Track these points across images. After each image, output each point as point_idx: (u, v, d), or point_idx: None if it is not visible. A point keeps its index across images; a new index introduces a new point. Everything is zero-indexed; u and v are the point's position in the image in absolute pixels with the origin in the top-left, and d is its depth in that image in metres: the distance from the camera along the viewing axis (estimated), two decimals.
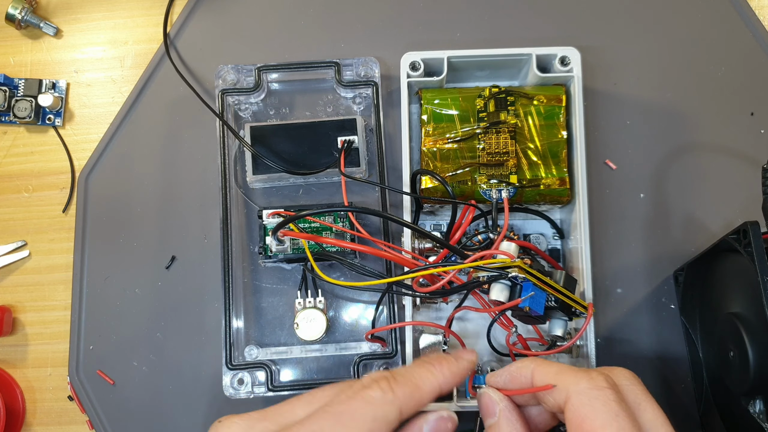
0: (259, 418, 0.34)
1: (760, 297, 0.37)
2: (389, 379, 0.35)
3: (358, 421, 0.33)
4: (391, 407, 0.34)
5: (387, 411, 0.34)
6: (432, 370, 0.37)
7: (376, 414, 0.33)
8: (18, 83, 0.57)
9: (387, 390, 0.34)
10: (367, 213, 0.43)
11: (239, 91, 0.53)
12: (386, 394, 0.34)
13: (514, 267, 0.40)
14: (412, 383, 0.35)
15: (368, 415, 0.33)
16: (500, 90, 0.48)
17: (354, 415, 0.33)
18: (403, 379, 0.35)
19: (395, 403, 0.34)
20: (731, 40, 0.55)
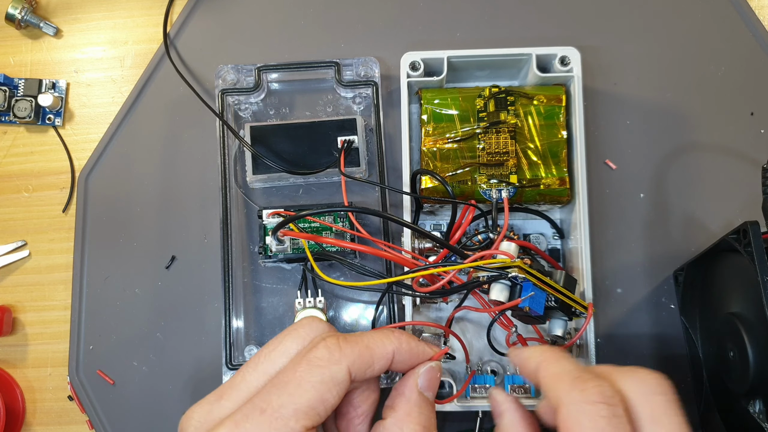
0: (215, 399, 0.33)
1: (760, 297, 0.37)
2: (338, 338, 0.34)
3: (305, 387, 0.32)
4: (338, 367, 0.33)
5: (334, 371, 0.32)
6: (387, 335, 0.36)
7: (323, 376, 0.32)
8: (18, 83, 0.57)
9: (334, 349, 0.33)
10: (367, 213, 0.43)
11: (239, 91, 0.53)
12: (333, 354, 0.33)
13: (514, 267, 0.40)
14: (362, 343, 0.34)
15: (315, 378, 0.32)
16: (500, 90, 0.48)
17: (300, 381, 0.32)
18: (353, 339, 0.34)
19: (342, 362, 0.33)
20: (731, 40, 0.55)
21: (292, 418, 0.31)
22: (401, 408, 0.35)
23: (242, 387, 0.33)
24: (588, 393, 0.31)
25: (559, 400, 0.31)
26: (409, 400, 0.35)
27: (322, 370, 0.32)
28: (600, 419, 0.30)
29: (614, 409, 0.30)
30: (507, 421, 0.35)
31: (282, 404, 0.31)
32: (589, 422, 0.30)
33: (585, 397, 0.30)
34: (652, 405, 0.31)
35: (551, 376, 0.33)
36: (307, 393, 0.31)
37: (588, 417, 0.30)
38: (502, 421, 0.35)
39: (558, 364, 0.33)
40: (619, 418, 0.30)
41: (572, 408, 0.31)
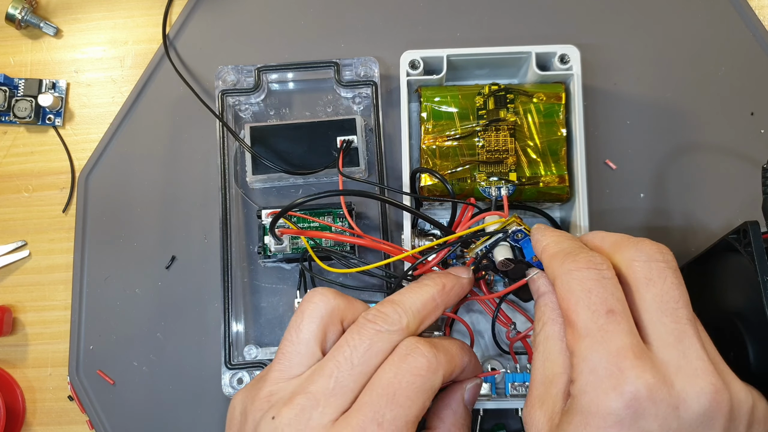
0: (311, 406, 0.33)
1: (760, 297, 0.37)
2: (430, 346, 0.34)
3: (413, 398, 0.33)
4: (436, 376, 0.34)
5: (434, 381, 0.34)
6: (463, 347, 0.37)
7: (425, 385, 0.33)
8: (18, 83, 0.57)
9: (431, 357, 0.34)
10: (362, 195, 0.43)
11: (239, 92, 0.53)
12: (431, 363, 0.34)
13: (511, 222, 0.39)
14: (450, 353, 0.35)
15: (420, 387, 0.33)
16: (500, 88, 0.48)
17: (408, 392, 0.33)
18: (443, 348, 0.35)
19: (439, 371, 0.34)
20: (731, 40, 0.55)
21: (404, 429, 0.32)
22: (448, 419, 0.37)
23: (339, 392, 0.33)
24: (577, 262, 0.33)
25: (554, 276, 0.34)
26: (455, 412, 0.37)
27: (424, 379, 0.33)
28: (588, 281, 0.32)
29: (603, 272, 0.32)
30: (543, 296, 0.36)
31: (396, 416, 0.32)
32: (579, 285, 0.32)
33: (574, 266, 0.33)
34: (649, 269, 0.33)
35: (549, 256, 0.35)
36: (416, 404, 0.33)
37: (577, 282, 0.32)
38: (540, 297, 0.37)
39: (557, 245, 0.36)
40: (607, 280, 0.32)
41: (564, 278, 0.33)
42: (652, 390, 0.29)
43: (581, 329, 0.31)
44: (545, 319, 0.35)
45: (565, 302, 0.32)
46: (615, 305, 0.31)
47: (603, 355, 0.30)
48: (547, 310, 0.36)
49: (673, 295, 0.32)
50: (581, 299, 0.32)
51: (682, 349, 0.31)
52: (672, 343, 0.31)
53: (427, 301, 0.37)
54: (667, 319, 0.31)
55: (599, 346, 0.30)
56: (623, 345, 0.30)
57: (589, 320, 0.31)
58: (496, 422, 0.50)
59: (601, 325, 0.31)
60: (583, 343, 0.31)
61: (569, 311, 0.32)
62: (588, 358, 0.31)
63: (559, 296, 0.33)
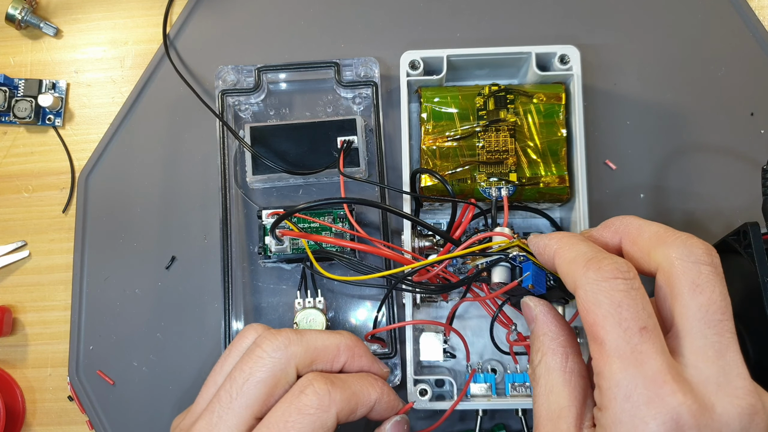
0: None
1: (760, 298, 0.37)
2: (326, 382, 0.34)
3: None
4: (327, 414, 0.34)
5: (324, 419, 0.33)
6: (372, 384, 0.36)
7: (314, 425, 0.33)
8: (18, 83, 0.57)
9: (323, 394, 0.34)
10: (363, 203, 0.43)
11: (239, 92, 0.53)
12: (322, 401, 0.34)
13: (514, 246, 0.39)
14: (350, 390, 0.35)
15: (306, 428, 0.33)
16: (500, 88, 0.48)
17: (293, 430, 0.33)
18: (341, 384, 0.35)
19: (332, 408, 0.34)
20: (731, 40, 0.55)
21: None
22: None
23: (221, 428, 0.34)
24: (603, 271, 0.30)
25: (575, 284, 0.31)
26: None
27: (312, 418, 0.33)
28: (617, 293, 0.29)
29: (631, 282, 0.30)
30: (540, 324, 0.35)
31: None
32: (606, 298, 0.29)
33: (600, 275, 0.30)
34: (698, 273, 0.30)
35: (567, 263, 0.32)
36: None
37: (605, 293, 0.29)
38: (536, 325, 0.35)
39: (573, 249, 0.33)
40: (637, 290, 0.29)
41: (588, 288, 0.30)
42: (695, 416, 0.27)
43: (612, 349, 0.29)
44: (544, 350, 0.33)
45: (592, 316, 0.29)
46: (647, 321, 0.29)
47: (639, 380, 0.28)
48: (546, 340, 0.34)
49: (720, 305, 0.29)
50: (610, 314, 0.29)
51: (722, 365, 0.28)
52: (712, 357, 0.29)
53: (329, 345, 0.37)
54: (710, 332, 0.29)
55: (634, 370, 0.28)
56: (660, 368, 0.28)
57: (621, 339, 0.28)
58: (496, 422, 0.50)
59: (634, 345, 0.28)
60: (615, 365, 0.28)
61: (596, 327, 0.29)
62: (621, 384, 0.28)
63: (583, 308, 0.30)
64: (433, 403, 0.46)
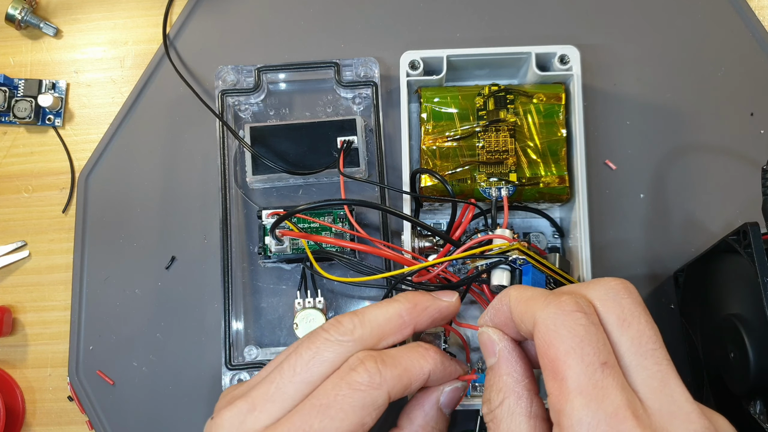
0: (248, 409, 0.34)
1: (760, 298, 0.37)
2: (377, 361, 0.34)
3: (348, 412, 0.32)
4: (378, 392, 0.33)
5: (375, 396, 0.33)
6: (424, 356, 0.36)
7: (364, 401, 0.33)
8: (18, 83, 0.57)
9: (374, 373, 0.33)
10: (364, 205, 0.43)
11: (239, 92, 0.53)
12: (373, 378, 0.33)
13: (514, 249, 0.39)
14: (401, 366, 0.34)
15: (357, 403, 0.32)
16: (500, 88, 0.48)
17: (342, 405, 0.32)
18: (392, 362, 0.34)
19: (383, 386, 0.33)
20: (731, 40, 0.55)
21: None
22: (417, 420, 0.36)
23: (277, 398, 0.33)
24: (564, 304, 0.30)
25: (534, 319, 0.30)
26: (427, 414, 0.36)
27: (363, 394, 0.33)
28: (578, 327, 0.29)
29: (591, 317, 0.29)
30: (503, 361, 0.33)
31: (324, 428, 0.31)
32: (568, 331, 0.29)
33: (561, 309, 0.29)
34: (620, 308, 0.30)
35: (525, 300, 0.32)
36: (348, 418, 0.32)
37: (565, 326, 0.29)
38: (498, 360, 0.34)
39: (528, 290, 0.33)
40: (596, 326, 0.29)
41: (549, 321, 0.29)
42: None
43: (573, 386, 0.28)
44: (507, 392, 0.32)
45: (553, 351, 0.29)
46: (608, 357, 0.29)
47: (601, 416, 0.27)
48: (510, 381, 0.32)
49: (649, 335, 0.30)
50: (572, 349, 0.28)
51: (668, 393, 0.28)
52: (658, 387, 0.29)
53: (391, 317, 0.36)
54: (648, 362, 0.29)
55: (596, 406, 0.27)
56: (620, 403, 0.27)
57: (583, 375, 0.28)
58: None
59: (596, 381, 0.28)
60: (576, 402, 0.28)
61: (558, 362, 0.28)
62: (583, 420, 0.27)
63: (543, 343, 0.29)
64: None
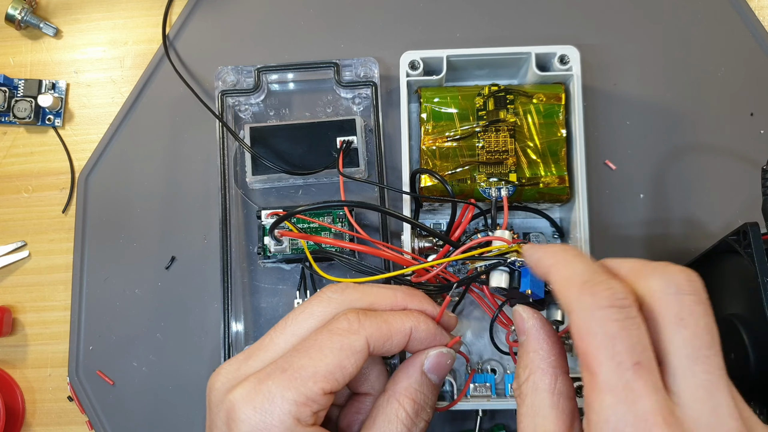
0: (243, 359, 0.36)
1: (760, 298, 0.37)
2: (358, 313, 0.36)
3: (325, 352, 0.34)
4: (356, 336, 0.35)
5: (353, 340, 0.35)
6: (407, 314, 0.37)
7: (342, 343, 0.34)
8: (18, 84, 0.57)
9: (353, 320, 0.35)
10: (363, 207, 0.43)
11: (239, 92, 0.53)
12: (352, 324, 0.35)
13: (512, 251, 0.39)
14: (381, 318, 0.36)
15: (335, 345, 0.34)
16: (500, 88, 0.48)
17: (321, 347, 0.34)
18: (372, 314, 0.36)
19: (361, 332, 0.35)
20: (731, 40, 0.55)
21: (310, 380, 0.33)
22: (401, 383, 0.37)
23: (269, 348, 0.36)
24: (597, 297, 0.29)
25: (569, 307, 0.30)
26: (410, 376, 0.37)
27: (340, 338, 0.35)
28: (611, 324, 0.28)
29: (627, 311, 0.28)
30: (532, 339, 0.34)
31: (303, 366, 0.33)
32: (600, 328, 0.28)
33: (594, 302, 0.29)
34: (680, 305, 0.29)
35: (561, 282, 0.31)
36: (326, 358, 0.34)
37: (598, 323, 0.28)
38: (527, 338, 0.34)
39: (568, 267, 0.31)
40: (632, 320, 0.28)
41: (582, 315, 0.29)
42: None
43: (603, 383, 0.27)
44: (533, 368, 0.32)
45: (584, 344, 0.28)
46: (642, 357, 0.27)
47: (629, 419, 0.27)
48: (536, 358, 0.33)
49: (706, 339, 0.28)
50: (604, 346, 0.28)
51: (713, 405, 0.27)
52: (703, 397, 0.27)
53: (386, 292, 0.38)
54: (698, 369, 0.28)
55: (625, 408, 0.27)
56: (651, 408, 0.27)
57: (613, 374, 0.27)
58: (496, 422, 0.50)
59: (627, 381, 0.27)
60: (606, 401, 0.27)
61: (589, 357, 0.28)
62: (611, 420, 0.27)
63: (576, 334, 0.29)
64: None
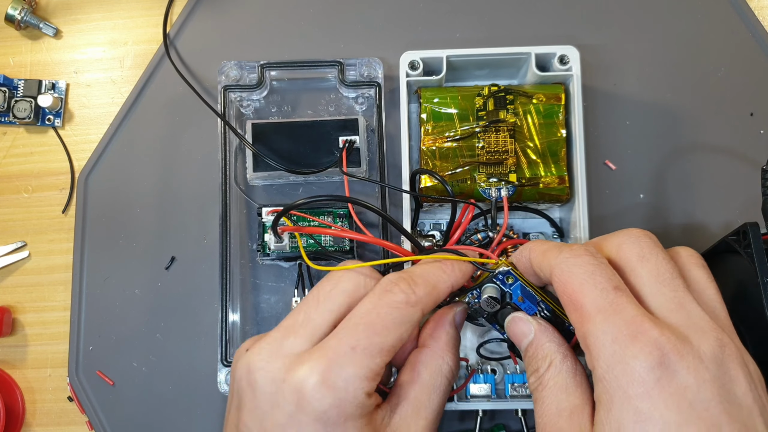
0: (281, 336, 0.35)
1: (760, 298, 0.37)
2: (408, 281, 0.36)
3: (390, 328, 0.34)
4: (414, 309, 0.35)
5: (411, 313, 0.35)
6: (445, 269, 0.38)
7: (403, 318, 0.35)
8: (17, 84, 0.57)
9: (409, 293, 0.36)
10: (364, 207, 0.43)
11: (242, 88, 0.53)
12: (409, 297, 0.35)
13: (500, 265, 0.39)
14: (430, 285, 0.37)
15: (397, 319, 0.35)
16: (499, 89, 0.48)
17: (385, 322, 0.34)
18: (422, 281, 0.37)
19: (418, 305, 0.36)
20: (731, 40, 0.55)
21: (378, 355, 0.34)
22: (442, 338, 0.38)
23: (307, 325, 0.36)
24: (574, 250, 0.34)
25: (551, 267, 0.34)
26: (448, 332, 0.39)
27: (402, 311, 0.35)
28: (588, 264, 0.33)
29: (600, 259, 0.34)
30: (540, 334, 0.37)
31: (371, 343, 0.34)
32: (579, 268, 0.33)
33: (572, 254, 0.34)
34: (640, 247, 0.34)
35: (541, 252, 0.36)
36: (392, 334, 0.34)
37: (578, 266, 0.33)
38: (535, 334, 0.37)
39: (545, 243, 0.37)
40: (605, 265, 0.33)
41: (564, 265, 0.34)
42: (675, 345, 0.30)
43: (591, 308, 0.32)
44: (552, 355, 0.36)
45: (570, 286, 0.33)
46: (619, 283, 0.33)
47: (621, 323, 0.31)
48: (553, 346, 0.36)
49: (667, 267, 0.33)
50: (586, 280, 0.32)
51: (684, 313, 0.32)
52: (675, 308, 0.32)
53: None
54: (666, 289, 0.33)
55: (615, 317, 0.31)
56: (637, 312, 0.31)
57: (599, 297, 0.32)
58: (496, 423, 0.50)
59: (611, 300, 0.32)
60: (597, 320, 0.31)
61: (575, 293, 0.33)
62: (607, 331, 0.31)
63: (560, 284, 0.34)
64: None
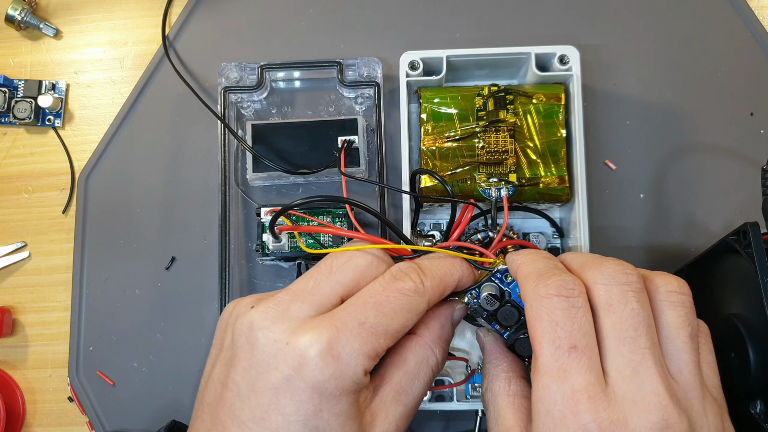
0: (290, 299, 0.35)
1: (761, 298, 0.37)
2: (419, 272, 0.36)
3: (398, 313, 0.34)
4: (421, 299, 0.36)
5: (419, 302, 0.35)
6: (454, 265, 0.38)
7: (410, 305, 0.35)
8: (18, 84, 0.57)
9: (418, 282, 0.36)
10: (362, 208, 0.43)
11: (242, 89, 0.53)
12: (418, 286, 0.36)
13: (497, 265, 0.39)
14: (438, 277, 0.37)
15: (405, 306, 0.35)
16: (499, 89, 0.48)
17: (393, 306, 0.34)
18: (431, 272, 0.37)
19: (425, 295, 0.36)
20: (731, 40, 0.55)
21: (382, 336, 0.34)
22: (435, 330, 0.38)
23: (316, 292, 0.35)
24: (548, 287, 0.32)
25: (525, 298, 0.33)
26: (443, 326, 0.39)
27: (410, 299, 0.35)
28: (557, 311, 0.31)
29: (572, 300, 0.32)
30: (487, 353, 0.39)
31: (378, 323, 0.34)
32: (547, 315, 0.32)
33: (545, 291, 0.32)
34: (608, 293, 0.32)
35: (523, 276, 0.35)
36: (399, 318, 0.34)
37: (546, 310, 0.32)
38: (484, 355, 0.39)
39: (532, 265, 0.35)
40: (577, 309, 0.32)
41: (534, 303, 0.32)
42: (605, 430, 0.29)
43: (542, 365, 0.31)
44: (490, 377, 0.37)
45: (533, 331, 0.32)
46: (580, 341, 0.31)
47: (559, 397, 0.30)
48: (491, 367, 0.37)
49: (632, 322, 0.31)
50: (547, 333, 0.31)
51: (637, 382, 0.30)
52: (628, 375, 0.30)
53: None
54: (624, 349, 0.31)
55: (556, 387, 0.30)
56: (581, 386, 0.30)
57: (551, 357, 0.31)
58: None
59: (561, 363, 0.31)
60: (542, 381, 0.31)
61: (535, 342, 0.32)
62: (544, 399, 0.31)
63: (528, 321, 0.33)
64: (433, 404, 0.46)
